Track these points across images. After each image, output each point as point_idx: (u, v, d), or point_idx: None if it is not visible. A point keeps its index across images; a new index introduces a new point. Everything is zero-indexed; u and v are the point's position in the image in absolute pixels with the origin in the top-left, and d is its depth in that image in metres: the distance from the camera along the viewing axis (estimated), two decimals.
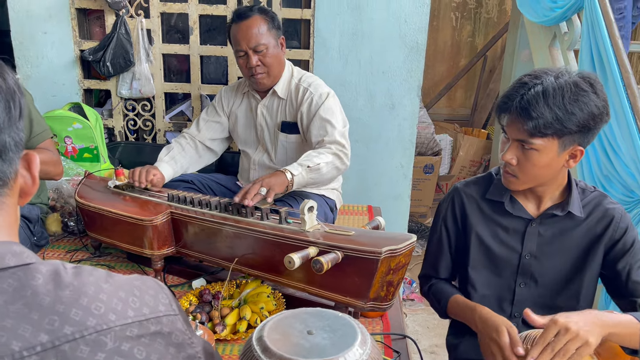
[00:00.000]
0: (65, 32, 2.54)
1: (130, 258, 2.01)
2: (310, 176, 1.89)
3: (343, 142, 1.98)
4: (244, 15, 1.98)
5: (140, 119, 2.70)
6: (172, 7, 2.53)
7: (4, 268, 0.58)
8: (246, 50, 1.96)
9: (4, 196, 0.63)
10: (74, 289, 0.60)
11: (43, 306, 0.57)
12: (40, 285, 0.58)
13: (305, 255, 1.40)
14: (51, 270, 0.61)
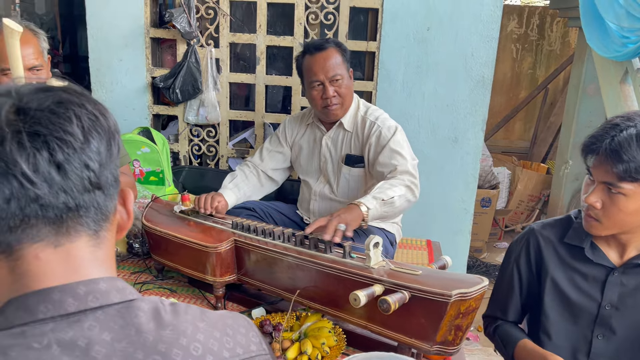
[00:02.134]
0: (139, 59, 2.65)
1: (192, 283, 2.03)
2: (384, 209, 1.84)
3: (414, 174, 1.94)
4: (321, 47, 2.01)
5: (204, 144, 2.76)
6: (241, 37, 2.60)
7: (110, 305, 0.59)
8: (323, 80, 1.98)
9: (106, 230, 0.64)
10: (174, 329, 0.60)
11: (147, 345, 0.57)
12: (143, 324, 0.59)
13: (371, 293, 1.38)
14: (152, 308, 0.62)
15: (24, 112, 0.57)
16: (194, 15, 2.52)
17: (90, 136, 0.59)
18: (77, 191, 0.58)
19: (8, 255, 0.58)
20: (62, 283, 0.59)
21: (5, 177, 0.55)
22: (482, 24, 2.43)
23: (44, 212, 0.57)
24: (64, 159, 0.57)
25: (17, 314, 0.56)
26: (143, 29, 2.61)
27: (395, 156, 1.98)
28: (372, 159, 2.06)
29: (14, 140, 0.55)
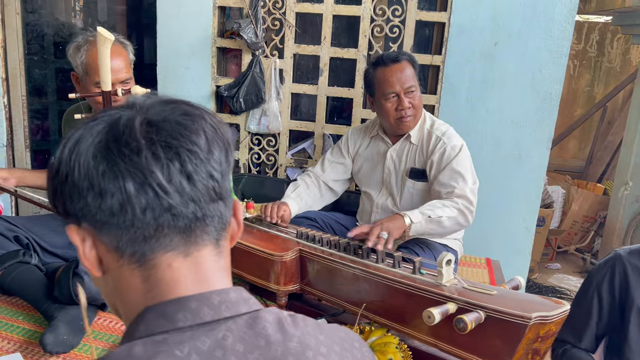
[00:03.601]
0: (205, 68, 2.71)
1: (254, 290, 2.05)
2: (430, 227, 1.87)
3: (471, 199, 1.94)
4: (396, 59, 2.02)
5: (264, 153, 2.80)
6: (306, 48, 2.63)
7: (239, 315, 0.59)
8: (399, 92, 1.99)
9: (224, 240, 0.65)
10: (299, 341, 0.60)
11: (277, 357, 0.57)
12: (271, 335, 0.59)
13: (445, 311, 1.35)
14: (276, 319, 0.61)
15: (153, 124, 0.58)
16: (260, 26, 2.57)
17: (213, 147, 0.61)
18: (204, 201, 0.60)
19: (141, 265, 0.60)
20: (193, 292, 0.60)
21: (143, 187, 0.56)
22: (552, 40, 2.38)
23: (175, 221, 0.58)
24: (193, 170, 0.58)
25: (157, 322, 0.57)
26: (210, 38, 2.67)
27: (456, 178, 1.97)
28: (433, 176, 2.04)
29: (149, 151, 0.57)
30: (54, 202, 0.62)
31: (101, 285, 0.65)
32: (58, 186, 0.60)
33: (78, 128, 0.61)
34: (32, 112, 3.04)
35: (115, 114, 0.61)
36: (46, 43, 3.04)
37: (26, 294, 1.77)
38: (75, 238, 0.60)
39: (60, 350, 1.53)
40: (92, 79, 1.86)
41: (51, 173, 0.62)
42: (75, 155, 0.58)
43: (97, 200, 0.57)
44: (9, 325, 1.69)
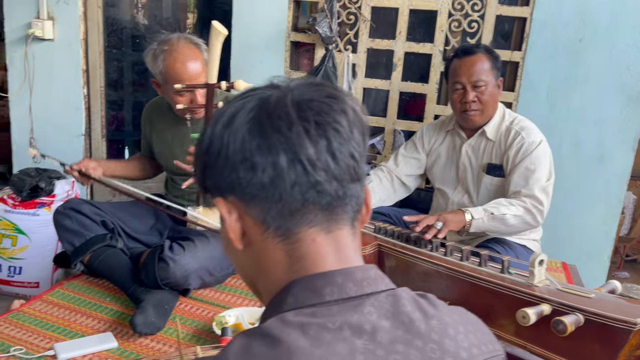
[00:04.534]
0: (279, 63, 2.74)
1: None
2: (492, 224, 1.85)
3: (541, 199, 1.90)
4: (470, 51, 1.99)
5: None
6: (380, 43, 2.61)
7: (379, 292, 0.60)
8: (465, 84, 1.95)
9: (357, 221, 0.66)
10: (439, 320, 0.60)
11: (421, 334, 0.58)
12: (411, 312, 0.59)
13: (539, 312, 1.31)
14: (411, 298, 0.62)
15: (302, 103, 0.60)
16: (335, 20, 2.56)
17: (354, 128, 0.62)
18: (345, 180, 0.61)
19: (286, 239, 0.61)
20: (337, 267, 0.61)
21: (293, 162, 0.58)
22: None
23: (319, 198, 0.60)
24: (337, 148, 0.59)
25: (305, 295, 0.58)
26: (285, 32, 2.70)
27: (529, 176, 1.93)
28: (508, 172, 2.00)
29: (301, 127, 0.58)
30: (203, 177, 0.64)
31: (239, 258, 0.67)
32: (209, 161, 0.62)
33: (226, 106, 0.63)
34: (109, 103, 3.15)
35: (262, 93, 0.62)
36: (124, 36, 3.15)
37: (113, 277, 1.84)
38: (222, 210, 0.62)
39: (149, 331, 1.58)
40: (172, 87, 1.85)
41: (201, 149, 0.64)
42: (230, 130, 0.60)
43: (248, 174, 0.59)
44: (97, 306, 1.75)
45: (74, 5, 2.90)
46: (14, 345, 1.48)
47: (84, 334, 1.58)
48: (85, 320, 1.66)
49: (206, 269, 1.83)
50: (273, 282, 0.62)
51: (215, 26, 1.57)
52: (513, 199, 1.92)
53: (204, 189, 0.66)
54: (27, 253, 2.90)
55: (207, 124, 0.68)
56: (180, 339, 1.61)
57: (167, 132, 2.07)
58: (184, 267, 1.74)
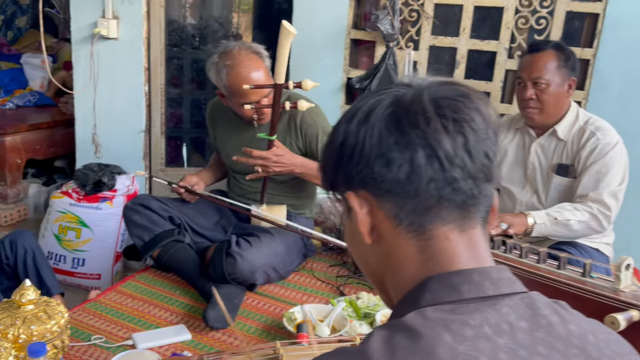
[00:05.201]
0: (338, 60, 2.73)
1: None
2: (555, 229, 1.82)
3: (609, 204, 1.84)
4: (537, 47, 1.94)
5: None
6: (443, 40, 2.57)
7: (514, 293, 0.59)
8: (525, 79, 1.91)
9: (487, 223, 0.64)
10: (577, 325, 0.59)
11: (562, 337, 0.56)
12: (549, 316, 0.58)
13: (629, 317, 1.26)
14: (547, 302, 0.60)
15: (437, 100, 0.60)
16: (397, 18, 2.54)
17: (488, 128, 0.61)
18: (479, 179, 0.60)
19: (418, 235, 0.60)
20: (472, 266, 0.60)
21: (430, 159, 0.58)
22: None
23: (454, 196, 0.59)
24: (473, 146, 0.59)
25: (443, 292, 0.58)
26: (345, 30, 2.69)
27: (599, 179, 1.87)
28: (578, 173, 1.93)
29: (439, 123, 0.58)
30: (333, 171, 0.65)
31: (366, 253, 0.66)
32: (342, 156, 0.63)
33: (359, 103, 0.64)
34: (168, 101, 3.22)
35: (396, 90, 0.62)
36: (185, 35, 3.21)
37: (182, 271, 1.87)
38: (354, 204, 0.62)
39: (220, 325, 1.60)
40: (237, 100, 1.87)
41: (334, 144, 0.64)
42: (366, 126, 0.61)
43: (384, 169, 0.59)
44: (168, 298, 1.79)
45: (138, 4, 2.97)
46: (94, 334, 1.53)
47: (158, 325, 1.62)
48: (158, 312, 1.70)
49: (271, 265, 1.84)
50: (404, 278, 0.62)
51: (285, 26, 1.58)
52: (579, 203, 1.87)
53: (330, 183, 0.66)
54: (90, 245, 2.98)
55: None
56: (250, 334, 1.62)
57: (230, 132, 2.09)
58: (251, 262, 1.75)
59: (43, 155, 3.65)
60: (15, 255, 1.77)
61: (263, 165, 1.80)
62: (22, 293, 1.18)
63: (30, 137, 3.48)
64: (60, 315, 1.23)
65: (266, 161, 1.79)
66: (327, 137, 0.67)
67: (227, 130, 2.11)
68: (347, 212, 0.66)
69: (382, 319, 1.65)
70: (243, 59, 1.84)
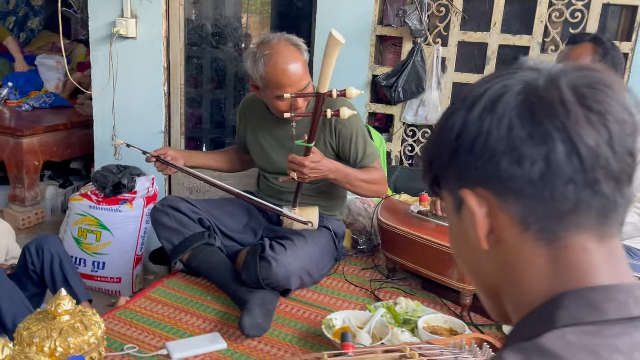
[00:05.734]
0: (363, 57, 2.66)
1: (425, 287, 1.96)
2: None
3: None
4: (575, 40, 1.89)
5: (418, 145, 2.70)
6: (473, 36, 2.49)
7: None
8: None
9: (620, 231, 0.56)
10: None
11: None
12: None
13: None
14: None
15: (577, 87, 0.52)
16: (425, 13, 2.46)
17: (631, 121, 0.53)
18: (622, 181, 0.52)
19: (550, 243, 0.53)
20: (613, 282, 0.52)
21: (570, 156, 0.50)
22: None
23: (594, 199, 0.51)
24: (618, 142, 0.51)
25: (583, 310, 0.50)
26: (371, 25, 2.62)
27: None
28: None
29: (581, 115, 0.50)
30: (446, 165, 0.57)
31: (479, 259, 0.58)
32: (459, 149, 0.55)
33: (478, 89, 0.55)
34: (188, 101, 3.16)
35: (523, 75, 0.54)
36: (204, 34, 3.15)
37: (214, 276, 1.81)
38: (472, 203, 0.55)
39: (256, 333, 1.53)
40: (272, 92, 1.80)
41: (447, 135, 0.56)
42: (493, 115, 0.52)
43: (512, 165, 0.51)
44: (200, 304, 1.73)
45: (157, 3, 2.91)
46: (127, 343, 1.47)
47: (191, 333, 1.56)
48: (190, 319, 1.64)
49: (305, 269, 1.77)
50: (529, 290, 0.54)
51: (334, 35, 1.52)
52: None
53: (434, 177, 0.59)
54: (110, 248, 2.94)
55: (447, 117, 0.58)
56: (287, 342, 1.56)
57: (262, 131, 2.02)
58: (286, 267, 1.68)
59: (60, 157, 3.61)
60: (42, 261, 1.71)
61: (299, 171, 1.73)
62: (57, 303, 1.12)
63: (47, 139, 3.44)
64: (97, 325, 1.17)
65: (302, 168, 1.72)
66: (437, 128, 0.58)
67: (258, 128, 2.04)
68: (455, 212, 0.58)
69: (424, 325, 1.58)
70: (282, 49, 1.78)
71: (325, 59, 1.58)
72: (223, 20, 3.30)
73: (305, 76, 1.80)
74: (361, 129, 1.96)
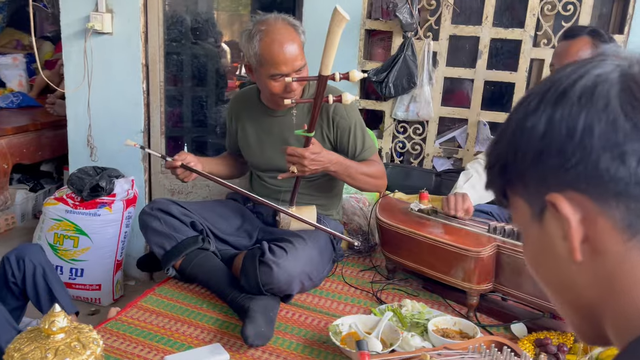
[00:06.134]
0: (352, 52, 2.59)
1: (427, 287, 1.91)
2: None
3: None
4: (572, 33, 1.88)
5: (409, 142, 2.64)
6: (464, 29, 2.44)
7: None
8: (557, 67, 1.80)
9: None
10: None
11: None
12: None
13: None
14: None
15: None
16: (416, 6, 2.41)
17: None
18: None
19: None
20: None
21: None
22: None
23: None
24: None
25: None
26: (360, 20, 2.55)
27: None
28: None
29: None
30: (528, 167, 0.51)
31: (568, 274, 0.51)
32: (546, 149, 0.48)
33: (566, 77, 0.48)
34: (168, 99, 3.03)
35: (614, 63, 0.48)
36: (184, 29, 3.02)
37: (209, 282, 1.71)
38: (565, 210, 0.48)
39: (260, 343, 1.45)
40: (266, 70, 1.73)
41: (530, 135, 0.50)
42: (590, 108, 0.46)
43: (614, 163, 0.45)
44: (196, 313, 1.63)
45: None
46: (122, 359, 1.36)
47: (190, 344, 1.46)
48: (187, 329, 1.54)
49: (306, 272, 1.69)
50: (638, 309, 0.47)
51: (339, 11, 1.44)
52: None
53: (507, 181, 0.53)
54: (88, 255, 2.80)
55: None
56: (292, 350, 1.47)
57: (255, 126, 1.93)
58: (288, 271, 1.60)
59: (30, 160, 3.44)
60: (24, 272, 1.58)
61: (300, 164, 1.65)
62: (52, 320, 1.01)
63: (16, 141, 3.26)
64: (95, 343, 1.06)
65: (303, 160, 1.64)
66: (511, 129, 0.52)
67: (251, 123, 1.94)
68: (533, 220, 0.52)
69: (434, 328, 1.52)
70: (279, 26, 1.71)
71: (330, 37, 1.50)
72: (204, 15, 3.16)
73: (302, 57, 1.74)
74: (360, 120, 1.90)
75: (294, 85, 1.73)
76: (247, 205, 2.01)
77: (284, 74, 1.71)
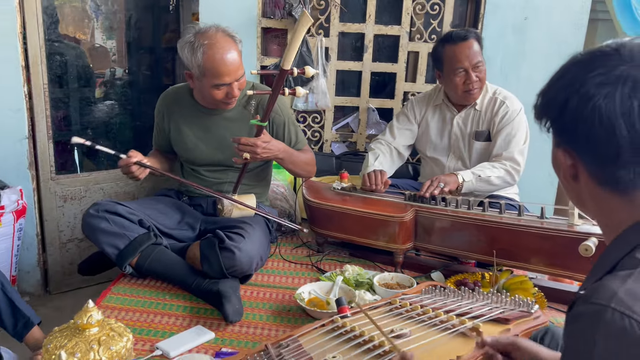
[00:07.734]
0: (251, 49, 2.74)
1: (353, 254, 2.18)
2: (480, 185, 2.14)
3: (519, 160, 2.20)
4: (464, 37, 2.17)
5: (309, 130, 2.89)
6: (351, 27, 2.74)
7: None
8: (467, 68, 2.16)
9: None
10: None
11: None
12: None
13: (595, 242, 1.59)
14: None
15: None
16: (308, 6, 2.64)
17: None
18: None
19: None
20: None
21: None
22: (573, 14, 2.69)
23: None
24: None
25: None
26: (256, 18, 2.71)
27: (510, 140, 2.22)
28: (492, 136, 2.28)
29: None
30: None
31: (573, 187, 0.80)
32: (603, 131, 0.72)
33: (614, 74, 0.72)
34: (53, 102, 2.88)
35: None
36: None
37: (170, 274, 1.79)
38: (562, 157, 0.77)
39: (237, 318, 1.60)
40: (210, 81, 1.85)
41: (590, 119, 0.72)
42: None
43: None
44: (163, 304, 1.71)
45: None
46: None
47: (171, 332, 1.55)
48: (162, 319, 1.62)
49: (260, 254, 1.86)
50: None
51: (307, 14, 1.62)
52: (495, 162, 2.21)
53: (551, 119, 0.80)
54: None
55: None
56: (265, 321, 1.65)
57: (190, 123, 2.03)
58: (248, 253, 1.76)
59: None
60: None
61: (252, 152, 1.81)
62: (89, 315, 1.07)
63: None
64: (127, 331, 1.14)
65: (256, 148, 1.80)
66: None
67: (185, 120, 2.04)
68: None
69: (379, 283, 1.81)
70: (220, 39, 1.83)
71: (295, 35, 1.67)
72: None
73: (242, 66, 1.88)
74: (291, 115, 2.09)
75: (236, 92, 1.87)
76: (182, 200, 2.09)
77: (227, 84, 1.84)
